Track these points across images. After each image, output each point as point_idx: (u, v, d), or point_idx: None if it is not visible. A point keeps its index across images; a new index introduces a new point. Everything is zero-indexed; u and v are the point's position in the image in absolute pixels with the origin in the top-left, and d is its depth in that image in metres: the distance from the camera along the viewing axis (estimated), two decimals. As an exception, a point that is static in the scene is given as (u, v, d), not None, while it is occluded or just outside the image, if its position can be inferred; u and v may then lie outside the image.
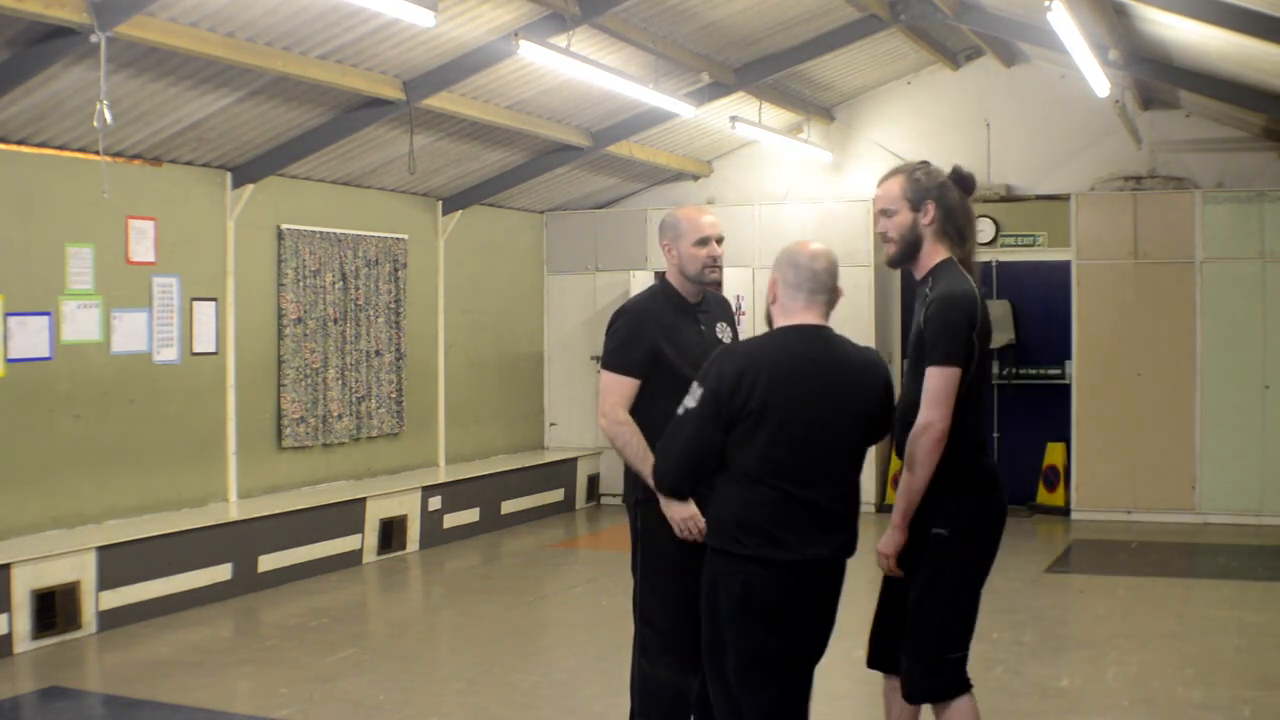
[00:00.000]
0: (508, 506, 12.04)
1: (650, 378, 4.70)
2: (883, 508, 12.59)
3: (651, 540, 4.68)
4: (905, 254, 4.39)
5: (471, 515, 11.53)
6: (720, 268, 4.84)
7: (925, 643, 4.26)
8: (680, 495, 4.26)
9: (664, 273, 4.99)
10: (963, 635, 4.31)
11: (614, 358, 4.77)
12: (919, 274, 4.39)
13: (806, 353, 3.99)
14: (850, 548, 4.12)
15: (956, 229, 4.34)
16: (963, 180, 4.40)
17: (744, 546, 3.96)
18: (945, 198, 4.33)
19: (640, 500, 4.74)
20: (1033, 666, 7.00)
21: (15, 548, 7.82)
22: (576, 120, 11.23)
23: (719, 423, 3.95)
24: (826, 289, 4.05)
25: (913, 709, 4.38)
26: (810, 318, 4.04)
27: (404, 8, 6.80)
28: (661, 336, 4.71)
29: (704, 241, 4.79)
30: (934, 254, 4.34)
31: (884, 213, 4.42)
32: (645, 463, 4.54)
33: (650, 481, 4.43)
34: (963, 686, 4.29)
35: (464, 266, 12.48)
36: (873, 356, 4.14)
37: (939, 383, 4.13)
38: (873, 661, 4.49)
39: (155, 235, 9.17)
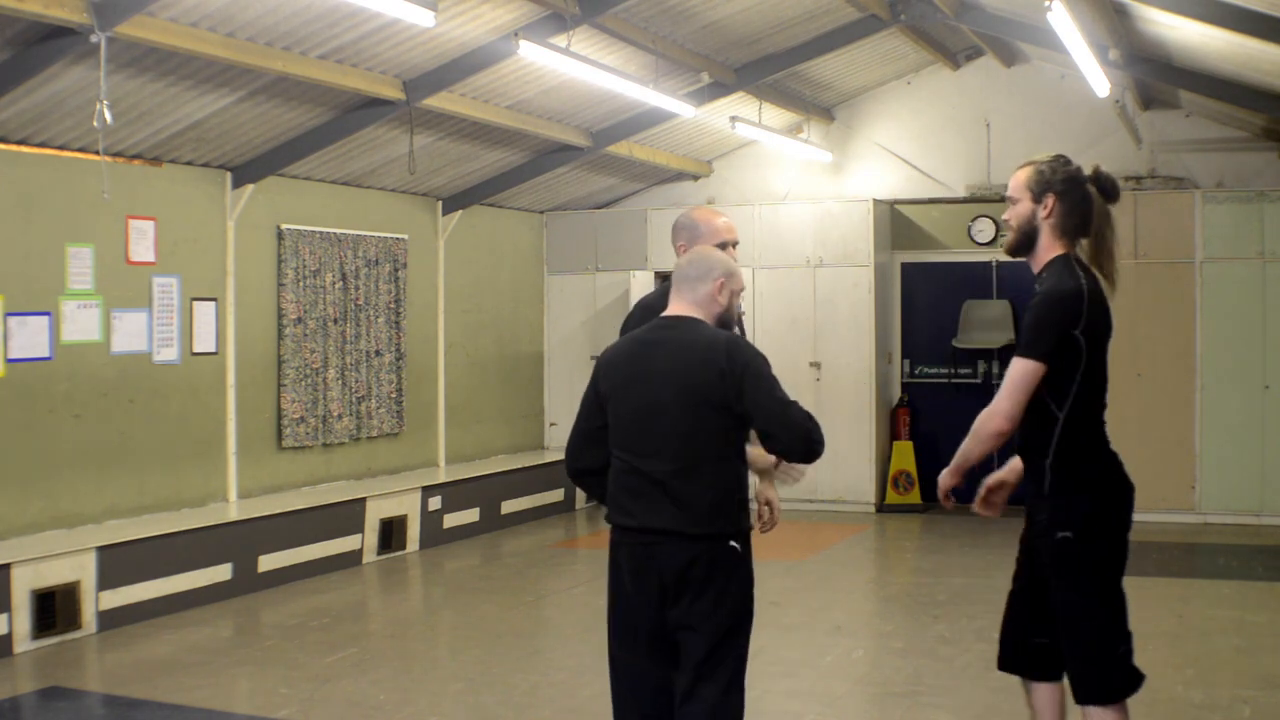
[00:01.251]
0: (508, 506, 12.04)
1: None
2: (883, 508, 12.60)
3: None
4: (1021, 244, 4.37)
5: (471, 515, 11.53)
6: None
7: (1090, 644, 4.21)
8: (575, 477, 4.48)
9: (663, 273, 4.96)
10: (1125, 628, 4.25)
11: None
12: (1035, 268, 4.35)
13: (648, 338, 4.21)
14: (701, 524, 4.05)
15: (1078, 226, 4.31)
16: (1101, 182, 4.38)
17: (610, 514, 4.22)
18: (1070, 193, 4.30)
19: None
20: (1033, 666, 6.98)
21: (15, 548, 7.83)
22: (576, 120, 11.24)
23: (596, 404, 4.28)
24: (685, 280, 4.23)
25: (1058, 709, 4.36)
26: (675, 309, 4.23)
27: (404, 8, 6.80)
28: None
29: (722, 246, 4.76)
30: (1050, 249, 4.31)
31: (1009, 200, 4.41)
32: None
33: None
34: (1138, 678, 4.25)
35: (464, 266, 12.49)
36: (717, 339, 4.13)
37: (1014, 373, 4.16)
38: (1003, 664, 4.50)
39: (155, 235, 9.17)
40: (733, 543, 4.09)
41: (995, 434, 4.16)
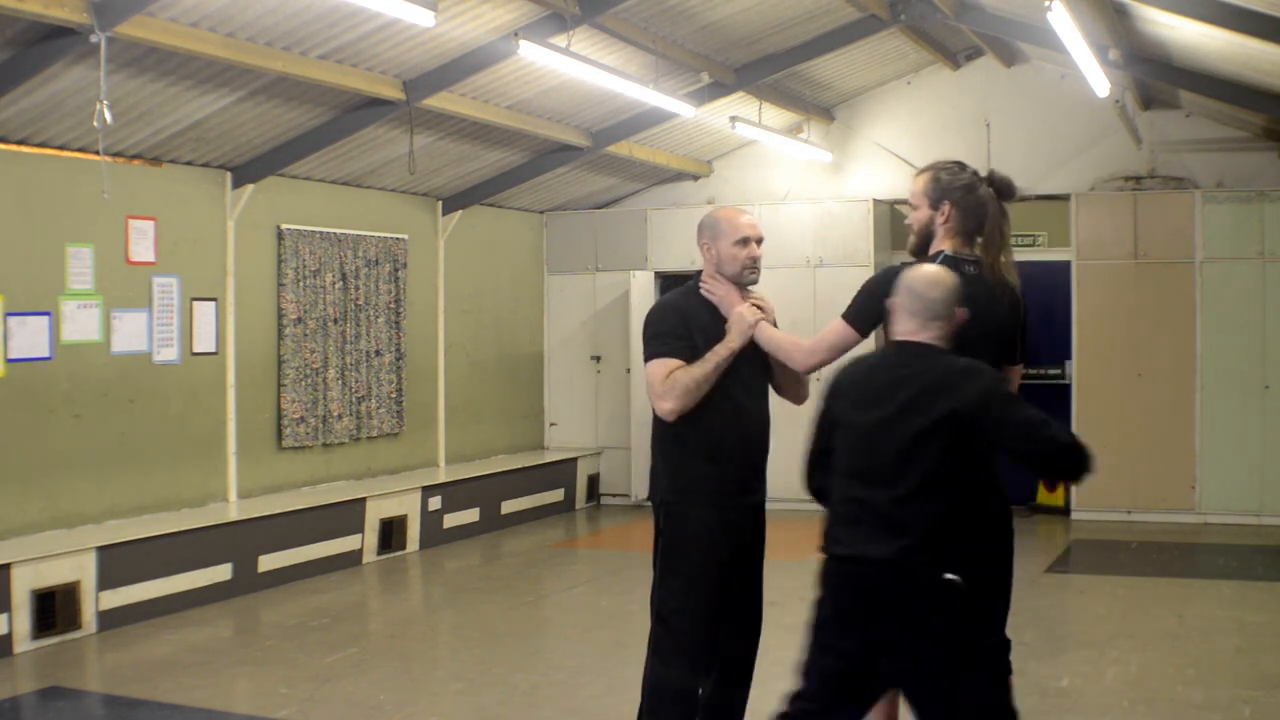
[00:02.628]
0: (508, 506, 12.04)
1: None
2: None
3: (676, 543, 4.61)
4: (920, 247, 4.52)
5: (471, 515, 11.53)
6: (759, 269, 4.76)
7: None
8: (816, 496, 4.26)
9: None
10: None
11: (654, 347, 4.62)
12: None
13: (888, 364, 4.06)
14: (924, 552, 3.85)
15: (973, 229, 4.42)
16: (995, 184, 4.47)
17: (825, 542, 4.06)
18: (965, 199, 4.41)
19: (665, 501, 4.65)
20: (1033, 666, 6.99)
21: (15, 548, 7.82)
22: (576, 120, 11.23)
23: (823, 426, 4.18)
24: (928, 314, 4.03)
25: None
26: (920, 337, 4.06)
27: (404, 8, 6.80)
28: (699, 334, 4.60)
29: (744, 242, 4.71)
30: (936, 247, 4.45)
31: (910, 205, 4.55)
32: (710, 362, 4.53)
33: (722, 358, 4.51)
34: None
35: (464, 266, 12.48)
36: (969, 368, 3.98)
37: (827, 329, 4.47)
38: None
39: (155, 235, 9.17)
40: (949, 575, 3.85)
41: (798, 360, 4.51)
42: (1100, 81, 9.70)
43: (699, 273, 4.84)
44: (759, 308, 4.70)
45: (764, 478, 4.80)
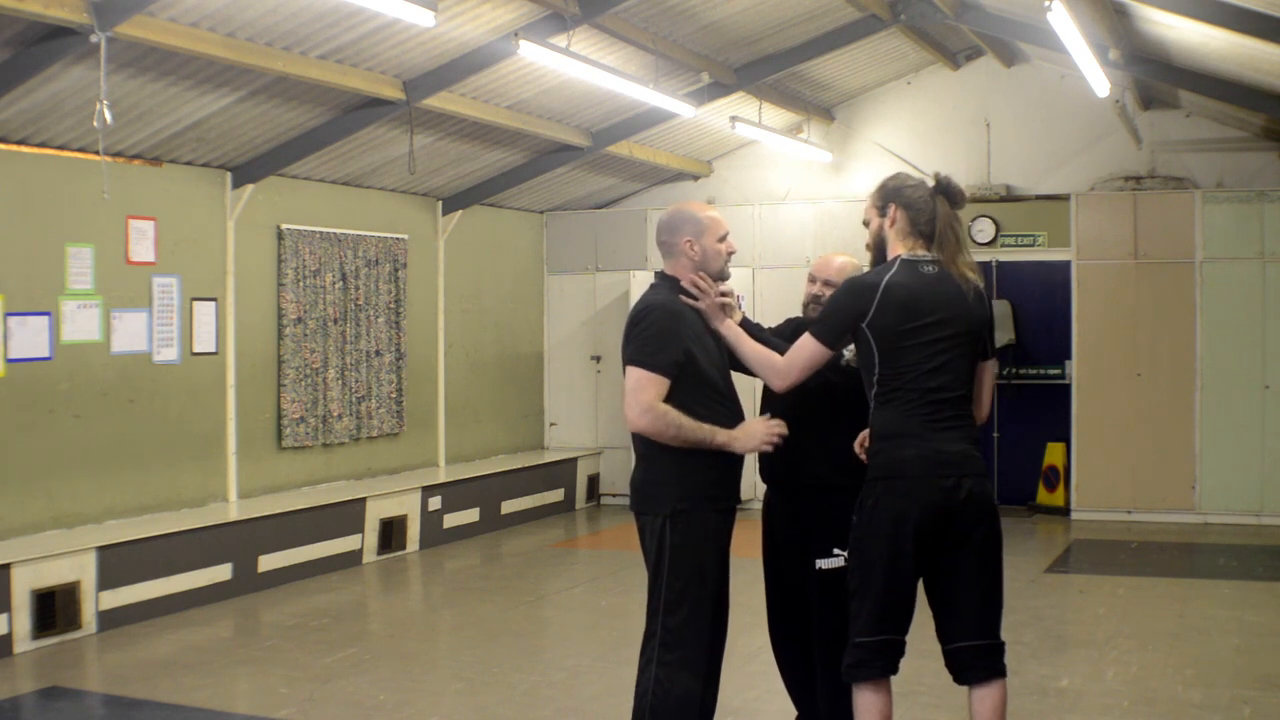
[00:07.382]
0: (508, 506, 12.04)
1: (678, 380, 4.46)
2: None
3: (689, 554, 4.47)
4: (876, 257, 4.55)
5: (471, 515, 11.53)
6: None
7: (851, 622, 4.42)
8: None
9: (659, 271, 4.77)
10: (873, 622, 4.32)
11: (647, 354, 4.45)
12: None
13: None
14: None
15: (923, 230, 4.44)
16: (945, 189, 4.48)
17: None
18: (910, 197, 4.45)
19: (677, 511, 4.47)
20: (1033, 666, 7.00)
21: (15, 548, 7.83)
22: (576, 120, 11.23)
23: None
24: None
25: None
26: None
27: (404, 8, 6.80)
28: (692, 338, 4.54)
29: (724, 237, 4.72)
30: (892, 252, 4.48)
31: (865, 224, 4.61)
32: (705, 431, 4.43)
33: (715, 441, 4.44)
34: (873, 673, 4.34)
35: (464, 266, 12.49)
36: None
37: (798, 346, 4.47)
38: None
39: (155, 235, 9.17)
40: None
41: (770, 379, 4.54)
42: (1100, 81, 9.70)
43: (660, 272, 4.74)
44: (728, 302, 4.72)
45: None
